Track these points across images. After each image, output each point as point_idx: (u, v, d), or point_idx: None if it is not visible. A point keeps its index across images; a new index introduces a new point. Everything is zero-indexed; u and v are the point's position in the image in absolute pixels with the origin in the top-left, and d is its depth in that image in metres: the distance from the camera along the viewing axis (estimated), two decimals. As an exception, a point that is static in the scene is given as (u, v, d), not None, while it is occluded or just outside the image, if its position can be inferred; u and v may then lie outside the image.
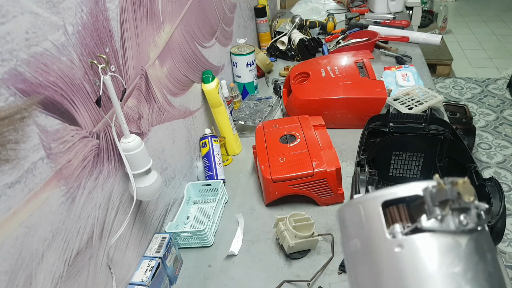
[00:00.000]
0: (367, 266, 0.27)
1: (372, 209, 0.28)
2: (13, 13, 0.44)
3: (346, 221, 0.30)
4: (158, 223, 0.85)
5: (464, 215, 0.25)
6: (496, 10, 4.44)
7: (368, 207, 0.28)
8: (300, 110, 1.17)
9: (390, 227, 0.27)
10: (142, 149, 0.65)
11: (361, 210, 0.29)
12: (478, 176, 0.76)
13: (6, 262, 0.44)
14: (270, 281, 0.76)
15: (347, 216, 0.30)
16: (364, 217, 0.28)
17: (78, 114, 0.56)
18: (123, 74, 0.68)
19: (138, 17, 0.73)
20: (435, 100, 1.15)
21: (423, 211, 0.26)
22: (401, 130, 0.91)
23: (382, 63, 1.53)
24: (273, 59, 1.69)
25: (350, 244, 0.29)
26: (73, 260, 0.56)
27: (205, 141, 1.02)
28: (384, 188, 0.29)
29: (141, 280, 0.69)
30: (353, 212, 0.30)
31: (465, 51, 3.59)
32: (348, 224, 0.30)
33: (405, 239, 0.26)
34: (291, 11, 2.12)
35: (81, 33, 0.56)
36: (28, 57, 0.46)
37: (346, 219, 0.31)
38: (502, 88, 2.94)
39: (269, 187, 0.90)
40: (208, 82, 1.05)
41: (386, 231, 0.27)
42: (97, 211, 0.62)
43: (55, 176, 0.52)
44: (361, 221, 0.29)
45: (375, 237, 0.27)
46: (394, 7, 2.03)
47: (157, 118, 0.82)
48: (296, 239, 0.76)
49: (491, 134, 2.47)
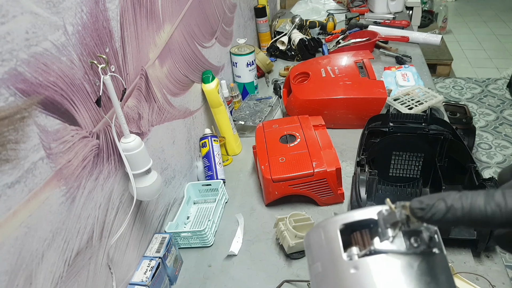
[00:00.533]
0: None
1: (331, 233, 0.29)
2: (13, 13, 0.44)
3: (311, 246, 0.32)
4: (158, 223, 0.85)
5: (415, 237, 0.27)
6: (496, 10, 4.44)
7: (328, 231, 0.30)
8: (300, 110, 1.17)
9: (348, 250, 0.28)
10: (142, 149, 0.65)
11: (322, 233, 0.30)
12: (478, 176, 0.76)
13: (6, 262, 0.44)
14: (270, 281, 0.76)
15: (312, 241, 0.32)
16: (324, 241, 0.30)
17: (78, 114, 0.56)
18: (123, 74, 0.68)
19: (138, 17, 0.73)
20: (435, 100, 1.15)
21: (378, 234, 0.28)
22: (401, 130, 0.91)
23: (382, 63, 1.53)
24: (273, 59, 1.69)
25: (313, 267, 0.30)
26: (73, 260, 0.56)
27: (205, 141, 1.02)
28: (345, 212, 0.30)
29: (141, 280, 0.69)
30: (316, 236, 0.31)
31: (465, 51, 3.59)
32: (312, 248, 0.31)
33: (360, 261, 0.27)
34: (291, 11, 2.12)
35: (81, 33, 0.56)
36: (28, 57, 0.46)
37: (311, 243, 0.32)
38: (502, 88, 2.94)
39: (269, 187, 0.90)
40: (208, 82, 1.05)
41: (343, 254, 0.28)
42: (97, 211, 0.62)
43: (55, 176, 0.52)
44: (322, 244, 0.30)
45: (334, 259, 0.28)
46: (394, 7, 2.03)
47: (157, 118, 0.82)
48: (296, 239, 0.76)
49: (491, 134, 2.47)
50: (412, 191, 0.93)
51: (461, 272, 0.71)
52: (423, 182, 0.93)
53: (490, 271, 0.72)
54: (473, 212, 0.24)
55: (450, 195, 0.25)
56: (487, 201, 0.24)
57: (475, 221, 0.24)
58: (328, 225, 0.30)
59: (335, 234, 0.29)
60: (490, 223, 0.24)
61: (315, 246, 0.31)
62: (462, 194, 0.25)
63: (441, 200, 0.25)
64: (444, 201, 0.25)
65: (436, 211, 0.25)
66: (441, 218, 0.25)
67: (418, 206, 0.26)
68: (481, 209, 0.24)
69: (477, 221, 0.24)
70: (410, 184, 0.94)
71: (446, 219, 0.25)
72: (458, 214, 0.24)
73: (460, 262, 0.74)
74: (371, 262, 0.27)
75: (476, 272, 0.72)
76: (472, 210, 0.24)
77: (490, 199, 0.24)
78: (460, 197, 0.25)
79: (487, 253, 0.76)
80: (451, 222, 0.25)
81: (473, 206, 0.24)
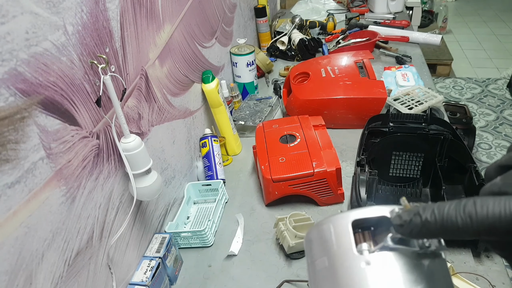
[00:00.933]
0: (332, 283, 0.28)
1: (342, 227, 0.29)
2: (13, 13, 0.44)
3: (314, 242, 0.32)
4: (158, 223, 0.85)
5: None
6: (496, 10, 4.44)
7: (338, 226, 0.30)
8: (300, 110, 1.17)
9: (357, 245, 0.28)
10: (142, 149, 0.65)
11: (331, 228, 0.30)
12: (478, 176, 0.76)
13: (6, 262, 0.44)
14: (270, 281, 0.76)
15: (315, 236, 0.32)
16: (333, 235, 0.30)
17: (78, 114, 0.56)
18: (123, 74, 0.68)
19: (138, 17, 0.73)
20: (435, 100, 1.15)
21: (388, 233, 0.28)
22: (401, 130, 0.91)
23: (382, 63, 1.53)
24: (273, 59, 1.69)
25: (317, 263, 0.30)
26: (73, 260, 0.56)
27: (205, 141, 1.02)
28: (352, 209, 0.30)
29: (141, 280, 0.69)
30: (322, 231, 0.31)
31: (465, 51, 3.59)
32: (316, 243, 0.31)
33: (372, 256, 0.27)
34: (291, 11, 2.12)
35: (81, 33, 0.56)
36: (28, 57, 0.46)
37: (313, 239, 0.32)
38: (502, 88, 2.94)
39: (269, 187, 0.90)
40: (208, 82, 1.05)
41: (354, 248, 0.28)
42: (97, 211, 0.62)
43: (55, 176, 0.52)
44: (330, 239, 0.30)
45: (343, 253, 0.28)
46: (394, 7, 2.03)
47: (157, 118, 0.82)
48: (296, 239, 0.76)
49: (491, 134, 2.47)
50: (412, 191, 0.93)
51: (461, 272, 0.71)
52: (423, 182, 0.93)
53: (490, 271, 0.72)
54: (446, 224, 0.23)
55: (426, 208, 0.25)
56: (458, 212, 0.23)
57: (449, 232, 0.24)
58: (339, 220, 0.30)
59: (346, 228, 0.29)
60: (463, 234, 0.23)
61: (321, 241, 0.31)
62: (439, 205, 0.24)
63: (417, 215, 0.25)
64: (419, 215, 0.25)
65: (413, 226, 0.25)
66: (418, 233, 0.25)
67: (398, 223, 0.26)
68: (452, 220, 0.23)
69: (451, 232, 0.24)
70: (410, 184, 0.94)
71: (423, 233, 0.25)
72: (432, 228, 0.24)
73: (460, 262, 0.74)
74: (383, 258, 0.27)
75: (476, 272, 0.72)
76: (444, 222, 0.24)
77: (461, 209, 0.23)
78: (434, 210, 0.24)
79: (487, 253, 0.76)
80: (430, 235, 0.25)
81: (445, 218, 0.23)
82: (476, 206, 0.23)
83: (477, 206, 0.23)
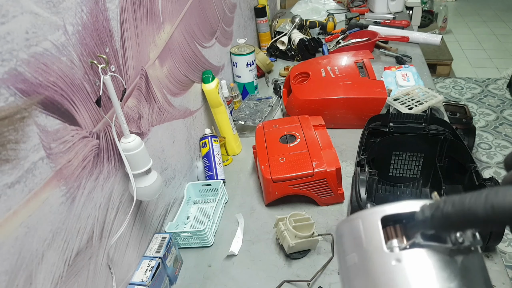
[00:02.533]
0: (363, 280, 0.28)
1: (371, 223, 0.29)
2: (13, 13, 0.44)
3: (344, 237, 0.31)
4: (158, 223, 0.85)
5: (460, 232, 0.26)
6: (496, 10, 4.44)
7: (368, 222, 0.29)
8: (300, 110, 1.17)
9: (387, 242, 0.28)
10: (142, 149, 0.65)
11: (360, 224, 0.30)
12: (478, 176, 0.76)
13: (6, 262, 0.44)
14: (270, 281, 0.76)
15: (346, 231, 0.31)
16: (363, 232, 0.29)
17: (78, 114, 0.56)
18: (123, 74, 0.68)
19: (138, 17, 0.73)
20: (435, 100, 1.15)
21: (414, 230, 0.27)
22: (401, 130, 0.91)
23: (382, 63, 1.53)
24: (273, 59, 1.69)
25: (348, 258, 0.30)
26: (73, 260, 0.56)
27: (205, 141, 1.02)
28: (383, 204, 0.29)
29: (141, 280, 0.69)
30: (352, 227, 0.30)
31: (465, 51, 3.59)
32: (346, 239, 0.31)
33: (403, 253, 0.27)
34: (291, 11, 2.12)
35: (81, 33, 0.56)
36: (28, 57, 0.46)
37: (344, 234, 0.31)
38: (502, 88, 2.94)
39: (269, 187, 0.90)
40: (208, 82, 1.05)
41: (384, 245, 0.27)
42: (97, 211, 0.62)
43: (55, 176, 0.52)
44: (359, 235, 0.29)
45: (373, 250, 0.28)
46: (394, 7, 2.03)
47: (157, 118, 0.82)
48: (296, 239, 0.76)
49: (491, 134, 2.47)
50: (412, 191, 0.93)
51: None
52: (423, 182, 0.93)
53: (490, 271, 0.72)
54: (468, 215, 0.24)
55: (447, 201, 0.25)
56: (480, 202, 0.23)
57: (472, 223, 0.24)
58: (367, 216, 0.29)
59: (375, 225, 0.28)
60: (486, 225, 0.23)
61: (351, 237, 0.30)
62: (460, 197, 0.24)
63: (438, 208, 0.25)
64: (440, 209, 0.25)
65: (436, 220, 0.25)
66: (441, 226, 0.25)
67: (421, 218, 0.26)
68: (474, 211, 0.23)
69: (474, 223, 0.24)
70: (410, 184, 0.94)
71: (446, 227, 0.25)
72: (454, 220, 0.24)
73: (460, 262, 0.74)
74: (416, 255, 0.26)
75: (476, 272, 0.72)
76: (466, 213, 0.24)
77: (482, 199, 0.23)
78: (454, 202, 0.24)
79: (487, 253, 0.76)
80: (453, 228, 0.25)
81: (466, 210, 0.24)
82: (498, 196, 0.22)
83: (499, 196, 0.22)
